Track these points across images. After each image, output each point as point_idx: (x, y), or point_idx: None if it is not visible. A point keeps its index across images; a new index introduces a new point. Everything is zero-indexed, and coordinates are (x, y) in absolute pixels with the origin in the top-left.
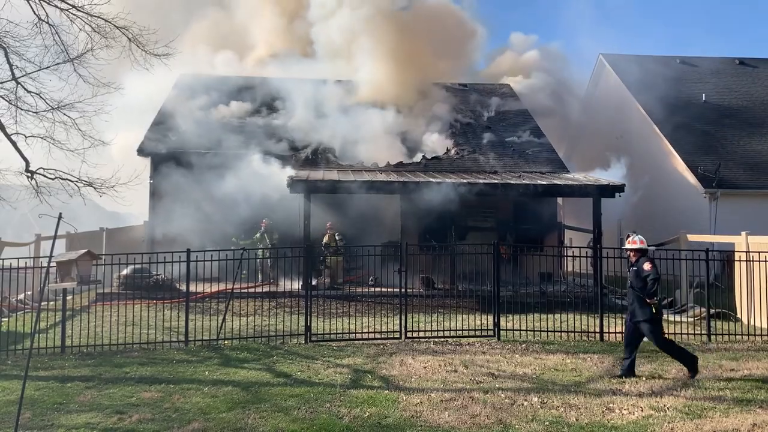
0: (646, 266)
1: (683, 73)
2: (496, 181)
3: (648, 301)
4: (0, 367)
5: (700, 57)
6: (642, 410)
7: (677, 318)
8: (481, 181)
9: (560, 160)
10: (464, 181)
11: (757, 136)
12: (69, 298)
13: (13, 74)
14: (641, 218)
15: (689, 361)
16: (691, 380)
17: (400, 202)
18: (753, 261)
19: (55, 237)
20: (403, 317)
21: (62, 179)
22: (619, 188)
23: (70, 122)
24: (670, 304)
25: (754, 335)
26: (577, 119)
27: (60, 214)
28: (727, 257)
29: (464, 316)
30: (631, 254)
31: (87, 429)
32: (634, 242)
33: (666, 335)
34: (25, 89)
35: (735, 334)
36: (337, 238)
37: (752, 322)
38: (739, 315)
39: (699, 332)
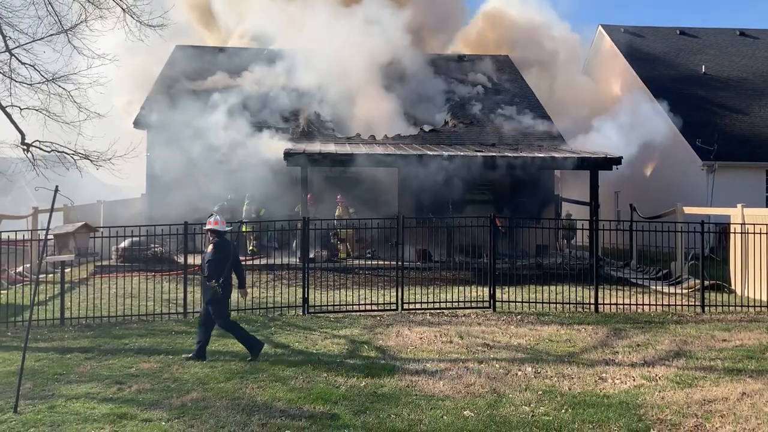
0: (209, 249)
1: (683, 44)
2: (493, 154)
3: (208, 283)
4: (0, 339)
5: (700, 28)
6: (634, 380)
7: (672, 290)
8: (478, 154)
9: (558, 132)
10: (462, 153)
11: (756, 108)
12: (68, 270)
13: (6, 45)
14: (638, 190)
15: (253, 344)
16: (253, 362)
17: (398, 174)
18: (748, 233)
19: (51, 210)
20: (400, 289)
21: (58, 152)
22: (617, 161)
23: (66, 94)
24: (665, 276)
25: (748, 306)
26: (577, 91)
27: (56, 187)
28: (722, 229)
29: (460, 288)
30: (210, 235)
31: (87, 399)
32: (210, 223)
33: (230, 316)
34: (19, 61)
35: (729, 306)
36: (350, 210)
37: (746, 294)
38: (733, 287)
39: (693, 303)
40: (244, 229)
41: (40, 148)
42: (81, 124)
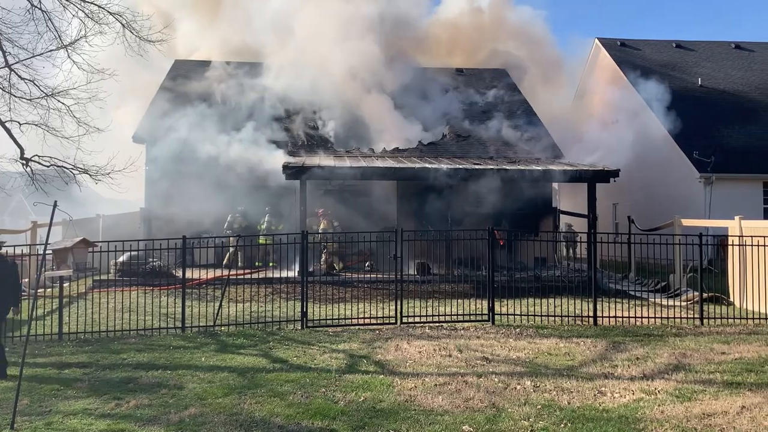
0: None
1: (679, 57)
2: (491, 167)
3: None
4: None
5: (696, 41)
6: (633, 393)
7: (670, 302)
8: (476, 166)
9: (556, 145)
10: (460, 166)
11: (752, 120)
12: (66, 285)
13: (6, 61)
14: (637, 202)
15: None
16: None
17: (397, 187)
18: (746, 245)
19: (50, 225)
20: (399, 303)
21: (57, 166)
22: (614, 173)
23: (65, 109)
24: (664, 289)
25: (746, 319)
26: (574, 104)
27: (55, 202)
28: (720, 242)
29: (459, 301)
30: None
31: (84, 415)
32: None
33: None
34: (19, 76)
35: (727, 318)
36: (335, 224)
37: (745, 306)
38: (732, 299)
39: (692, 316)
40: (262, 241)
41: (39, 163)
42: (80, 139)
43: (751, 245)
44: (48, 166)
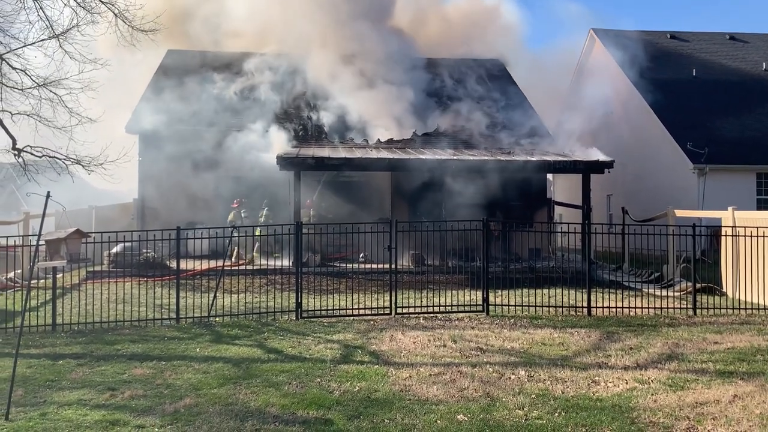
0: None
1: (674, 48)
2: (486, 158)
3: None
4: None
5: (691, 32)
6: (627, 383)
7: (664, 292)
8: (471, 157)
9: (551, 136)
10: (455, 157)
11: (745, 112)
12: (59, 276)
13: None
14: (631, 193)
15: None
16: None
17: (391, 178)
18: (739, 236)
19: (44, 215)
20: (393, 293)
21: (50, 157)
22: (608, 164)
23: (57, 99)
24: (657, 279)
25: (739, 309)
26: (568, 95)
27: (48, 192)
28: (714, 232)
29: (454, 292)
30: None
31: (79, 406)
32: None
33: None
34: (10, 66)
35: (720, 308)
36: (242, 215)
37: (737, 296)
38: (724, 289)
39: (685, 306)
40: (258, 233)
41: (32, 153)
42: (72, 129)
43: (744, 236)
44: (40, 157)
